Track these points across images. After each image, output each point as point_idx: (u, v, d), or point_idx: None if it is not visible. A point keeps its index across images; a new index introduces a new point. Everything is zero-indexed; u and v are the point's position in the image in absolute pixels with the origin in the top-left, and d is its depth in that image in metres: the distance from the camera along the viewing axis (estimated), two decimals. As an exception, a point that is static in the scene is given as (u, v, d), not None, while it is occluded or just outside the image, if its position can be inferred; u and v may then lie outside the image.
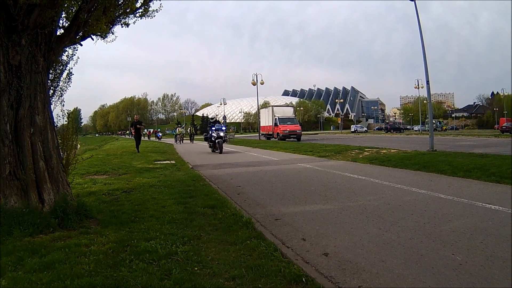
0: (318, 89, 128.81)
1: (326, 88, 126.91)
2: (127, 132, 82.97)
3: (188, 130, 35.82)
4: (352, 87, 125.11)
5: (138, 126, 15.84)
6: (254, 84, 32.25)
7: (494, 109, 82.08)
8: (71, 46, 4.84)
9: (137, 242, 3.16)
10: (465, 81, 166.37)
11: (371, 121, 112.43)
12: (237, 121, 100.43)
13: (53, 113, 4.36)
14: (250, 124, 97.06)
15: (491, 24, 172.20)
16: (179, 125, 38.64)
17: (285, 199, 5.33)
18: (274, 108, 32.10)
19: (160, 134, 43.52)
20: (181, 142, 29.93)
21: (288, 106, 40.76)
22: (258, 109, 37.70)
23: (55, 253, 2.87)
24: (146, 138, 46.45)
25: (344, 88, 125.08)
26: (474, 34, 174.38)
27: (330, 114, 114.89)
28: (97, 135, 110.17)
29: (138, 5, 4.78)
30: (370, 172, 7.83)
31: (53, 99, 4.79)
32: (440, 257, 2.82)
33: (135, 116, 18.05)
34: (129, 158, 12.81)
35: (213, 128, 15.56)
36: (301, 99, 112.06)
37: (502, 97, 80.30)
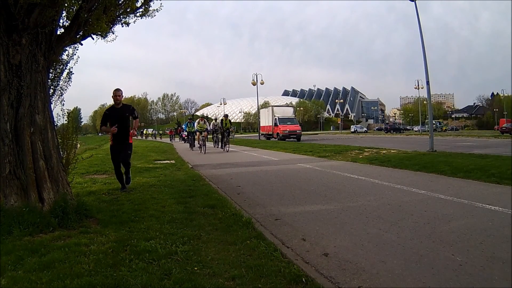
0: (318, 89, 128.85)
1: (326, 88, 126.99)
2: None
3: (214, 125, 18.05)
4: (352, 87, 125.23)
5: (127, 116, 5.77)
6: (254, 84, 32.28)
7: (494, 109, 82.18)
8: (71, 46, 4.84)
9: (137, 242, 3.15)
10: (465, 82, 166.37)
11: (371, 121, 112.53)
12: (237, 121, 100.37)
13: (53, 113, 4.36)
14: (250, 124, 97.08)
15: (492, 25, 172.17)
16: (203, 118, 18.42)
17: (285, 199, 5.33)
18: (274, 108, 32.12)
19: (185, 133, 24.47)
20: (204, 148, 15.34)
21: (288, 106, 40.78)
22: (258, 109, 37.70)
23: (55, 253, 2.87)
24: (168, 140, 35.41)
25: (344, 88, 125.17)
26: (475, 35, 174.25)
27: (330, 115, 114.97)
28: (100, 134, 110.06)
29: (138, 4, 4.77)
30: (370, 172, 7.82)
31: (53, 99, 4.79)
32: (440, 258, 2.82)
33: (115, 93, 5.52)
34: (129, 157, 12.79)
35: None
36: (301, 99, 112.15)
37: (502, 98, 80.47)
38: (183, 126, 22.60)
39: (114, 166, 5.88)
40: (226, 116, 17.36)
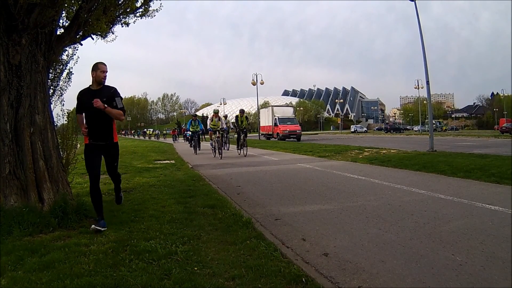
0: (318, 89, 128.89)
1: (326, 88, 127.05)
2: (134, 132, 78.35)
3: (228, 124, 15.68)
4: (352, 87, 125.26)
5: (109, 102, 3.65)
6: (254, 84, 32.32)
7: (494, 109, 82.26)
8: (71, 46, 4.85)
9: (137, 242, 3.16)
10: (465, 82, 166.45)
11: (371, 121, 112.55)
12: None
13: (53, 113, 4.37)
14: (250, 124, 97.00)
15: (492, 25, 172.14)
16: (217, 115, 13.87)
17: (285, 199, 5.33)
18: (274, 108, 32.14)
19: (189, 133, 18.88)
20: (218, 151, 12.67)
21: (288, 106, 40.79)
22: (258, 109, 37.72)
23: (55, 253, 2.87)
24: (170, 140, 34.20)
25: (344, 88, 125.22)
26: (475, 35, 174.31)
27: (330, 114, 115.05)
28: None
29: (138, 4, 4.78)
30: (370, 172, 7.82)
31: (53, 99, 4.80)
32: (440, 258, 2.81)
33: (101, 68, 3.76)
34: (129, 157, 12.81)
35: None
36: (301, 99, 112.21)
37: (502, 98, 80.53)
38: (187, 125, 17.75)
39: (90, 179, 3.71)
40: (242, 111, 14.01)
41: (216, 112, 13.89)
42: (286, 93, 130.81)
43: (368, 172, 7.77)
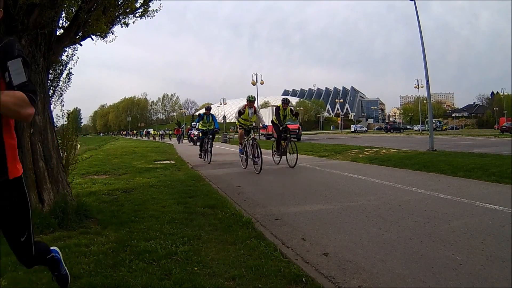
0: (318, 89, 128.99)
1: (326, 88, 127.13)
2: (136, 132, 78.77)
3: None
4: (352, 87, 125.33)
5: None
6: (254, 84, 32.33)
7: (494, 108, 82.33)
8: (71, 46, 4.85)
9: (137, 242, 3.16)
10: (465, 81, 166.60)
11: (371, 121, 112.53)
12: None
13: (53, 113, 4.37)
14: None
15: (492, 24, 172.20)
16: (252, 104, 9.27)
17: (285, 199, 5.33)
18: (274, 108, 32.12)
19: (194, 132, 17.23)
20: (259, 161, 8.29)
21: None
22: (258, 109, 37.74)
23: (55, 253, 2.87)
24: (174, 141, 33.49)
25: (344, 88, 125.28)
26: (475, 34, 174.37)
27: (330, 114, 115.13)
28: (101, 134, 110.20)
29: (138, 5, 4.79)
30: (370, 171, 7.82)
31: (53, 99, 4.80)
32: (440, 257, 2.81)
33: None
34: (129, 158, 12.82)
35: None
36: (301, 99, 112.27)
37: (502, 97, 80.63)
38: (193, 123, 12.46)
39: None
40: (286, 102, 9.78)
41: (251, 101, 9.36)
42: (286, 93, 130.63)
43: (368, 172, 7.77)
